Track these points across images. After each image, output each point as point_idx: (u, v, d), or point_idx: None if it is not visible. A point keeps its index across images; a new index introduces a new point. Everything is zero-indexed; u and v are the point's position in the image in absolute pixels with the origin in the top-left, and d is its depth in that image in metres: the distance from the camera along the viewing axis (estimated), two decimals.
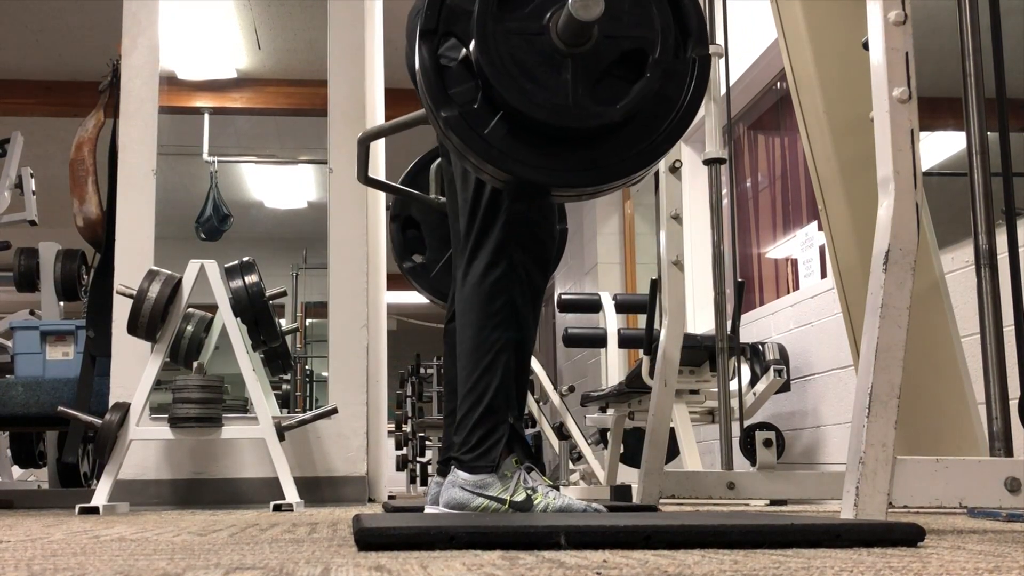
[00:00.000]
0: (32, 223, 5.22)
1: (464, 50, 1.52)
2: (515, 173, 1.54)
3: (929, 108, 1.85)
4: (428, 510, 2.15)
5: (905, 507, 1.69)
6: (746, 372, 4.25)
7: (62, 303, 4.90)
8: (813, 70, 2.81)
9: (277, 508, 3.03)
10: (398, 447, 8.56)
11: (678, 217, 3.54)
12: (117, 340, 3.76)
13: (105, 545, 1.46)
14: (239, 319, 3.38)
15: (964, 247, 3.12)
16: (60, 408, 3.30)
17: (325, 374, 4.14)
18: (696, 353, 3.95)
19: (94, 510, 2.91)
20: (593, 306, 5.12)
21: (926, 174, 1.89)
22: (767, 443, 3.59)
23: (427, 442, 7.79)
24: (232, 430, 3.32)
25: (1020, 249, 2.06)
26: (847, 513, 1.65)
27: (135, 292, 3.13)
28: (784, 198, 5.21)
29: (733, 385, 3.56)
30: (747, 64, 5.05)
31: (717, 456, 3.39)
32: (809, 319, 4.47)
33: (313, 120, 4.83)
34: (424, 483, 8.04)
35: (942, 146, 3.76)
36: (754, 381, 4.19)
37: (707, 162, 3.59)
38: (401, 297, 11.82)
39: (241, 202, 8.04)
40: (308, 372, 9.14)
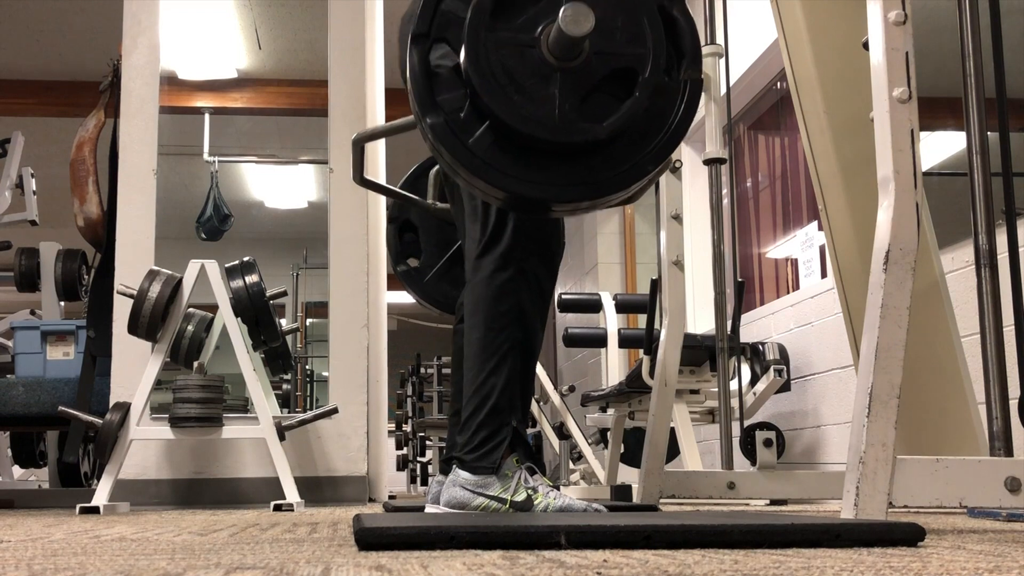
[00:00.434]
0: (33, 223, 5.23)
1: (455, 57, 1.51)
2: (497, 184, 1.52)
3: (929, 108, 1.85)
4: (429, 509, 2.16)
5: (905, 507, 1.70)
6: (746, 372, 4.25)
7: (63, 303, 4.90)
8: (813, 70, 2.81)
9: (277, 508, 3.03)
10: (398, 447, 8.56)
11: (678, 217, 3.54)
12: (118, 340, 3.76)
13: (106, 545, 1.46)
14: (239, 319, 3.38)
15: (964, 247, 3.12)
16: (61, 408, 3.30)
17: (325, 374, 4.15)
18: (696, 353, 3.95)
19: (95, 510, 2.92)
20: (593, 306, 5.12)
21: (926, 174, 1.89)
22: (767, 443, 3.59)
23: (427, 442, 7.79)
24: (232, 430, 3.33)
25: (1020, 249, 2.06)
26: (847, 513, 1.65)
27: (136, 292, 3.13)
28: (784, 198, 5.21)
29: (733, 385, 3.56)
30: (747, 64, 5.05)
31: (717, 456, 3.39)
32: (809, 319, 4.48)
33: (313, 120, 4.84)
34: (424, 483, 8.05)
35: (942, 146, 3.76)
36: (754, 381, 4.19)
37: (707, 162, 3.59)
38: (401, 297, 11.84)
39: (242, 202, 8.05)
40: (308, 372, 9.15)
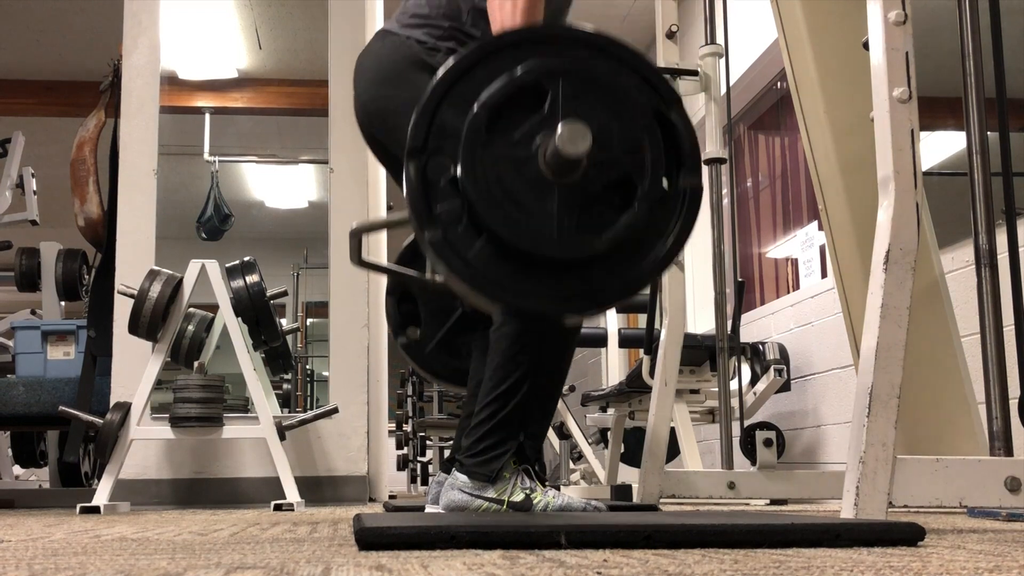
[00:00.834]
0: (33, 223, 5.23)
1: (452, 168, 1.48)
2: (496, 299, 1.50)
3: (929, 108, 1.85)
4: (429, 510, 2.16)
5: (905, 506, 1.70)
6: (746, 372, 4.25)
7: (63, 303, 4.90)
8: (813, 70, 2.81)
9: (278, 508, 3.03)
10: (399, 447, 8.55)
11: None
12: (118, 340, 3.76)
13: (106, 544, 1.46)
14: (240, 319, 3.38)
15: (964, 247, 3.12)
16: (61, 408, 3.31)
17: (326, 374, 4.15)
18: (696, 353, 3.95)
19: (95, 510, 2.92)
20: None
21: (926, 174, 1.89)
22: (767, 443, 3.59)
23: (428, 442, 7.79)
24: (233, 430, 3.33)
25: (1020, 249, 2.06)
26: (847, 513, 1.65)
27: (136, 292, 3.13)
28: (784, 198, 5.21)
29: (733, 385, 3.56)
30: (747, 64, 5.05)
31: (717, 456, 3.39)
32: (809, 319, 4.48)
33: (314, 120, 4.83)
34: (425, 483, 8.04)
35: (942, 146, 3.76)
36: (754, 381, 4.19)
37: (707, 162, 3.59)
38: None
39: (242, 202, 8.04)
40: (309, 372, 9.14)
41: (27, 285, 4.92)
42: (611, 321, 5.06)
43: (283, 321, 5.06)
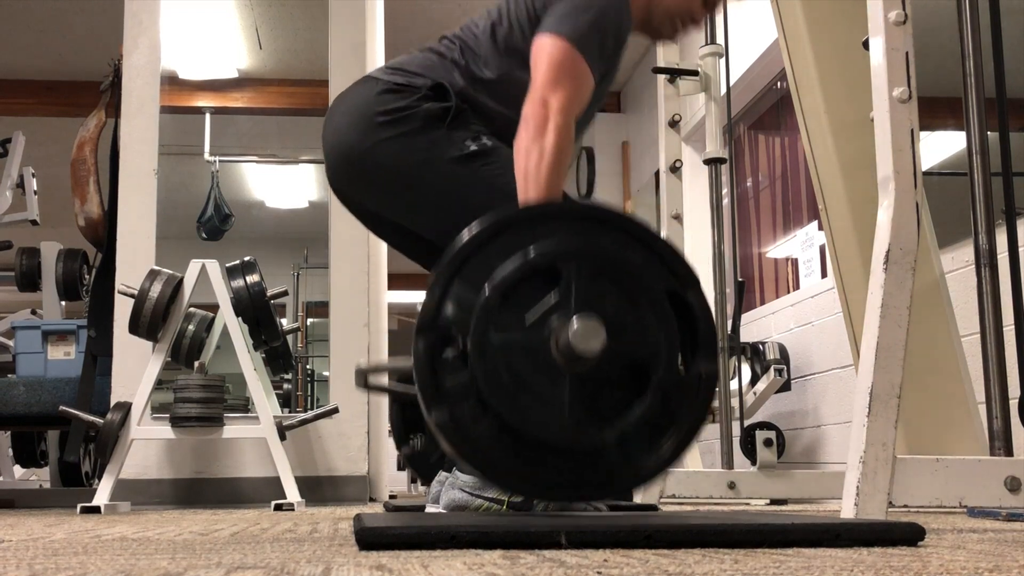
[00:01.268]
0: (34, 223, 5.23)
1: (461, 344, 1.45)
2: (500, 483, 1.48)
3: (929, 108, 1.85)
4: (429, 509, 2.16)
5: (905, 506, 1.70)
6: (746, 371, 4.26)
7: (63, 303, 4.90)
8: (813, 70, 2.81)
9: (278, 507, 3.03)
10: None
11: (679, 217, 3.54)
12: (118, 340, 3.76)
13: (107, 544, 1.46)
14: (240, 319, 3.38)
15: (964, 247, 3.12)
16: (62, 408, 3.31)
17: (326, 373, 4.15)
18: None
19: (95, 509, 2.92)
20: None
21: (926, 174, 1.89)
22: (767, 442, 3.59)
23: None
24: (233, 429, 3.33)
25: (1020, 249, 2.06)
26: (847, 512, 1.66)
27: (136, 292, 3.14)
28: (784, 198, 5.21)
29: (734, 384, 3.57)
30: (747, 64, 5.05)
31: (717, 456, 3.39)
32: (809, 319, 4.48)
33: (314, 120, 4.82)
34: (426, 483, 8.02)
35: (942, 146, 3.76)
36: (754, 380, 4.19)
37: (707, 162, 3.59)
38: (402, 296, 11.82)
39: (242, 202, 8.04)
40: (309, 371, 9.13)
41: (27, 285, 4.92)
42: None
43: (283, 321, 5.06)
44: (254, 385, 3.27)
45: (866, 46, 1.83)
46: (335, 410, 3.52)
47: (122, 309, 3.59)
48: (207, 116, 6.38)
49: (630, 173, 7.30)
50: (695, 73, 3.35)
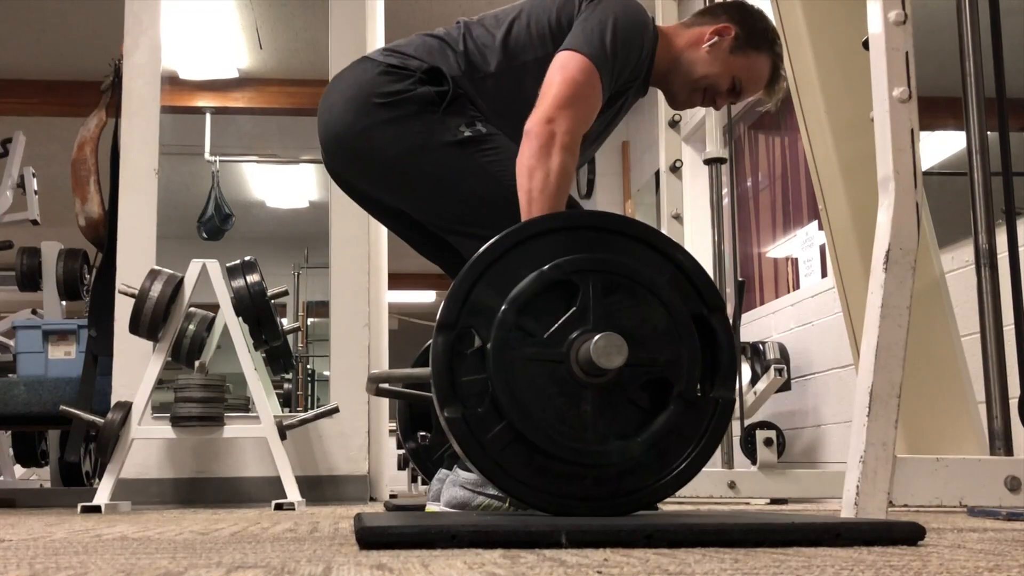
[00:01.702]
0: (34, 222, 5.23)
1: (479, 341, 1.46)
2: (508, 491, 1.48)
3: (929, 108, 1.85)
4: (429, 507, 2.16)
5: (905, 506, 1.70)
6: (747, 371, 4.26)
7: (64, 302, 4.90)
8: (813, 70, 2.81)
9: (279, 507, 3.03)
10: (399, 446, 8.55)
11: (679, 217, 3.54)
12: (119, 339, 3.76)
13: (107, 544, 1.46)
14: (241, 318, 3.38)
15: (964, 247, 3.12)
16: (62, 407, 3.31)
17: (327, 373, 4.15)
18: None
19: (96, 509, 2.92)
20: None
21: (926, 174, 1.89)
22: (768, 442, 3.60)
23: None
24: (234, 429, 3.33)
25: (1020, 249, 2.06)
26: (847, 512, 1.66)
27: (137, 291, 3.14)
28: (784, 197, 5.21)
29: None
30: None
31: (717, 455, 3.40)
32: (809, 318, 4.48)
33: (314, 120, 4.83)
34: (427, 480, 8.03)
35: (942, 146, 3.76)
36: (755, 380, 4.19)
37: (708, 162, 3.59)
38: (403, 296, 11.83)
39: (243, 201, 8.05)
40: (310, 371, 9.14)
41: (28, 285, 4.93)
42: None
43: (284, 321, 5.06)
44: (254, 385, 3.27)
45: (866, 46, 1.84)
46: (335, 410, 3.52)
47: (123, 309, 3.59)
48: (207, 116, 6.39)
49: (630, 173, 7.30)
50: None
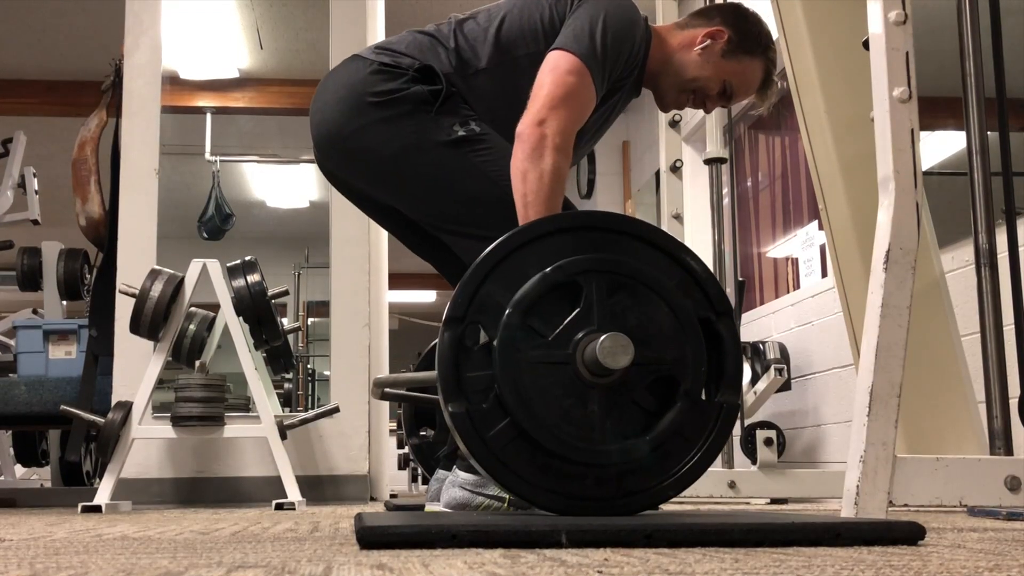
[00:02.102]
0: (35, 222, 5.23)
1: (486, 336, 1.46)
2: (510, 488, 1.47)
3: (929, 108, 1.85)
4: (429, 507, 2.16)
5: (905, 506, 1.70)
6: (747, 371, 4.26)
7: (65, 302, 4.90)
8: (813, 70, 2.81)
9: (279, 507, 3.04)
10: (400, 446, 8.55)
11: (679, 216, 3.54)
12: (119, 339, 3.76)
13: (108, 543, 1.46)
14: (241, 318, 3.38)
15: (964, 247, 3.13)
16: (63, 407, 3.31)
17: (327, 373, 4.15)
18: None
19: (97, 508, 2.92)
20: None
21: (926, 174, 1.90)
22: (768, 442, 3.60)
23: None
24: (234, 429, 3.33)
25: (1020, 249, 2.07)
26: (847, 512, 1.66)
27: (137, 291, 3.14)
28: (784, 197, 5.21)
29: None
30: None
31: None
32: (810, 318, 4.48)
33: None
34: (427, 481, 8.03)
35: (942, 146, 3.76)
36: (755, 380, 4.19)
37: (708, 161, 3.59)
38: (403, 296, 11.83)
39: (243, 201, 8.05)
40: (310, 371, 9.14)
41: (29, 284, 4.93)
42: None
43: (284, 320, 5.06)
44: (255, 384, 3.27)
45: (866, 46, 1.84)
46: (336, 409, 3.52)
47: (123, 309, 3.59)
48: (208, 116, 6.39)
49: (630, 173, 7.30)
50: None
